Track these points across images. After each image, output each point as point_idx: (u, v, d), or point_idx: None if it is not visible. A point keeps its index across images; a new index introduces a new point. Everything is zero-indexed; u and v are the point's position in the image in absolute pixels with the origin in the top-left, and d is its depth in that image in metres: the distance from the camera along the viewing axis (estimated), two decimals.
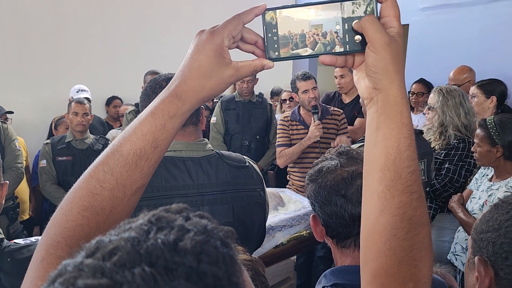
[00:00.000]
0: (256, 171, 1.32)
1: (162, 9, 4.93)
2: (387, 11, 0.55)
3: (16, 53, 4.18)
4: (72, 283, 0.29)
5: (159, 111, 0.57)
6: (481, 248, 0.76)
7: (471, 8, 3.62)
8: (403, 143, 0.55)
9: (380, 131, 0.55)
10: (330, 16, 0.57)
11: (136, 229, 0.33)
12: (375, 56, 0.53)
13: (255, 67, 0.59)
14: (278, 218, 2.37)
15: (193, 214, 0.37)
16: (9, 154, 2.79)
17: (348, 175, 0.91)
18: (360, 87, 0.58)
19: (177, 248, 0.31)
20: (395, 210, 0.54)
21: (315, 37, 0.57)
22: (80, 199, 0.56)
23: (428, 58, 4.02)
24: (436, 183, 2.36)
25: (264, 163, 3.58)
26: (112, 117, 4.56)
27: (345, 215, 0.90)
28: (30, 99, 4.27)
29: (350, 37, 0.56)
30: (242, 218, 1.23)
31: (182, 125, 1.20)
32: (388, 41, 0.53)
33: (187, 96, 0.57)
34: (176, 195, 1.13)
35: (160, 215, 0.35)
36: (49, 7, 4.30)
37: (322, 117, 2.86)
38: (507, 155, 1.97)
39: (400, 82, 0.55)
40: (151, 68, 3.59)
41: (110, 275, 0.29)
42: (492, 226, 0.75)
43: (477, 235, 0.77)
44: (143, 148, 0.56)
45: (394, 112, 0.55)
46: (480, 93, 2.62)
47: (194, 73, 0.56)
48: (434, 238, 2.45)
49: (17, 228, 2.86)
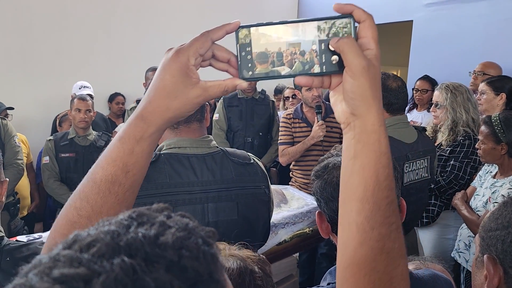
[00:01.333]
0: (261, 168, 1.31)
1: (164, 6, 4.92)
2: (365, 31, 0.53)
3: (19, 49, 4.17)
4: (47, 273, 0.28)
5: (126, 135, 0.55)
6: (489, 246, 0.74)
7: (475, 4, 3.59)
8: (382, 172, 0.53)
9: (357, 160, 0.54)
10: (307, 35, 0.54)
11: (116, 223, 0.32)
12: (353, 82, 0.52)
13: (225, 87, 0.56)
14: (281, 215, 2.37)
15: (174, 213, 0.36)
16: (9, 151, 2.80)
17: None
18: (337, 111, 0.56)
19: (157, 242, 0.30)
20: (375, 243, 0.53)
21: (293, 56, 0.55)
22: (60, 227, 0.56)
23: (432, 55, 3.99)
24: (441, 180, 2.35)
25: (266, 160, 3.57)
26: (115, 113, 4.55)
27: None
28: (33, 96, 4.27)
29: (327, 58, 0.54)
30: (246, 215, 1.22)
31: (187, 122, 1.20)
32: (367, 66, 0.51)
33: (152, 117, 0.55)
34: (181, 192, 1.12)
35: (141, 212, 0.34)
36: (52, 4, 4.29)
37: (326, 115, 2.83)
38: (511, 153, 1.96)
39: (378, 109, 0.53)
40: (153, 65, 3.58)
41: (87, 265, 0.28)
42: (501, 223, 0.74)
43: (485, 233, 0.76)
44: (114, 174, 0.55)
45: (372, 140, 0.53)
46: (490, 90, 2.59)
47: (159, 94, 0.55)
48: (438, 236, 2.45)
49: (18, 224, 2.88)
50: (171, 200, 1.10)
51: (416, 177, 1.97)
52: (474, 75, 3.12)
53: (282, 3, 5.70)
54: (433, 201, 2.41)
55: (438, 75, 3.63)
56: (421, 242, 2.55)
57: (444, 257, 2.42)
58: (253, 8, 5.50)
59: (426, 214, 2.43)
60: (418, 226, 2.48)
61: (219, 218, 1.16)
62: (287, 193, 2.76)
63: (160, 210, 0.36)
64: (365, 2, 4.37)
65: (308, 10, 5.61)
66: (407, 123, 2.02)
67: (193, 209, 1.12)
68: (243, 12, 5.43)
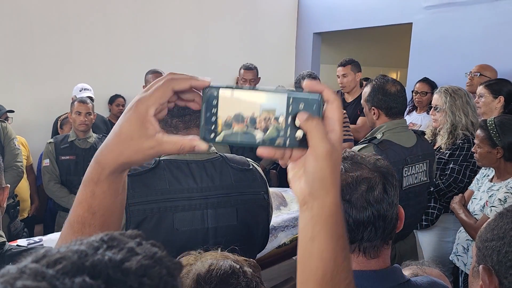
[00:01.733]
0: (260, 174, 1.31)
1: (164, 8, 4.93)
2: (332, 112, 0.53)
3: (18, 52, 4.18)
4: (12, 283, 0.29)
5: (86, 178, 0.57)
6: (485, 256, 0.75)
7: (475, 6, 3.60)
8: (340, 255, 0.54)
9: (315, 242, 0.54)
10: (276, 105, 0.53)
11: (86, 244, 0.34)
12: (316, 165, 0.52)
13: (181, 146, 0.55)
14: (280, 218, 2.37)
15: (146, 242, 0.37)
16: (9, 153, 2.81)
17: (353, 180, 0.90)
18: (295, 187, 0.55)
19: (122, 267, 0.32)
20: None
21: (261, 124, 0.54)
22: None
23: (431, 57, 4.00)
24: (440, 183, 2.35)
25: (266, 162, 3.58)
26: (115, 115, 4.55)
27: (349, 220, 0.89)
28: (33, 98, 4.28)
29: (292, 133, 0.53)
30: (246, 221, 1.22)
31: (186, 128, 1.20)
32: (330, 151, 0.51)
33: (106, 160, 0.56)
34: (180, 198, 1.13)
35: (114, 236, 0.36)
36: (51, 6, 4.29)
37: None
38: (508, 156, 1.97)
39: (336, 192, 0.54)
40: (153, 67, 3.59)
41: (50, 280, 0.29)
42: (497, 234, 0.74)
43: (481, 243, 0.77)
44: (82, 216, 0.57)
45: (330, 224, 0.54)
46: (488, 93, 2.60)
47: (114, 139, 0.56)
48: (438, 239, 2.46)
49: (18, 226, 2.89)
50: (170, 206, 1.11)
51: (415, 181, 1.98)
52: (470, 75, 3.14)
53: (282, 4, 5.71)
54: (433, 204, 2.42)
55: (438, 78, 3.64)
56: (420, 244, 2.56)
57: (443, 259, 2.43)
58: (252, 9, 5.51)
59: (426, 217, 2.44)
60: (418, 229, 2.49)
61: (219, 224, 1.17)
62: (286, 195, 2.76)
63: (132, 237, 0.37)
64: (365, 4, 4.39)
65: (308, 11, 5.62)
66: (406, 127, 2.02)
67: (192, 215, 1.13)
68: (243, 14, 5.44)
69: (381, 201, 0.89)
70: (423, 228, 2.47)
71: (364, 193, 0.89)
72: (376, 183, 0.90)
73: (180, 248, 1.12)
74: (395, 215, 0.93)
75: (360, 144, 1.95)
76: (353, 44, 6.76)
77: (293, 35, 5.83)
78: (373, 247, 0.92)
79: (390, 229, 0.93)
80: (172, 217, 1.11)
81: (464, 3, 3.67)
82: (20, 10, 4.14)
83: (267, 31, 5.63)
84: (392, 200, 0.91)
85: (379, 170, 0.92)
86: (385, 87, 1.95)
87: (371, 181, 0.90)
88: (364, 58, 6.69)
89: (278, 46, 5.75)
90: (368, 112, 2.04)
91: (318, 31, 5.52)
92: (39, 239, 1.89)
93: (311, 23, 5.57)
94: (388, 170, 0.94)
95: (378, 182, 0.90)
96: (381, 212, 0.89)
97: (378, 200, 0.89)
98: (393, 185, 0.92)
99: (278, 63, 5.74)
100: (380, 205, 0.89)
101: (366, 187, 0.89)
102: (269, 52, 5.65)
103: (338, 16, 5.09)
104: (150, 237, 1.09)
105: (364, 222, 0.89)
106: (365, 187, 0.90)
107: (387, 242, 0.94)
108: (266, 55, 5.60)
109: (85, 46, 4.51)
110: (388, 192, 0.91)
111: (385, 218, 0.90)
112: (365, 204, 0.89)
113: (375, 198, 0.89)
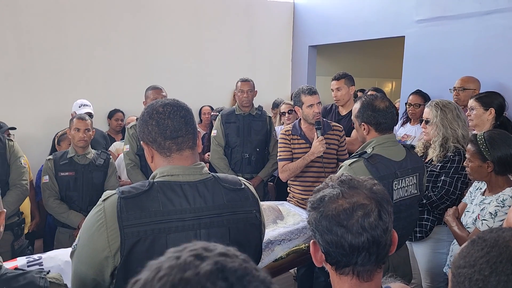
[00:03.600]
0: (252, 192, 1.34)
1: (162, 25, 5.00)
2: None
3: (18, 68, 4.24)
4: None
5: None
6: (459, 283, 0.77)
7: (465, 20, 3.67)
8: None
9: None
10: None
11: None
12: None
13: None
14: (277, 232, 2.39)
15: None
16: (15, 171, 2.82)
17: (350, 206, 0.93)
18: None
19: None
20: None
21: None
22: None
23: (424, 70, 4.06)
24: (432, 195, 2.39)
25: (264, 175, 3.62)
26: (114, 130, 4.61)
27: (345, 244, 0.92)
28: (33, 114, 4.33)
29: None
30: (238, 240, 1.24)
31: (179, 150, 1.24)
32: None
33: None
34: (174, 219, 1.16)
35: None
36: (51, 23, 4.37)
37: (324, 132, 2.87)
38: (498, 170, 2.00)
39: None
40: (151, 82, 3.64)
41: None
42: (468, 262, 0.77)
43: (455, 269, 0.79)
44: None
45: None
46: (479, 105, 2.66)
47: None
48: (431, 250, 2.49)
49: (22, 243, 2.90)
50: (164, 227, 1.14)
51: (406, 193, 2.02)
52: (455, 91, 3.22)
53: (278, 18, 5.79)
54: (426, 215, 2.46)
55: (430, 90, 3.71)
56: (415, 256, 2.59)
57: (437, 271, 2.47)
58: (249, 24, 5.59)
59: (420, 229, 2.47)
60: (412, 240, 2.53)
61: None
62: (283, 209, 2.79)
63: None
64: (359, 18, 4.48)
65: (303, 25, 5.71)
66: (395, 142, 2.07)
67: (185, 235, 1.16)
68: (239, 28, 5.52)
69: (376, 228, 0.92)
70: (417, 240, 2.51)
71: (360, 219, 0.92)
72: (371, 209, 0.93)
73: None
74: (389, 241, 0.96)
75: (351, 158, 1.99)
76: (348, 56, 6.84)
77: (289, 48, 5.91)
78: (367, 271, 0.95)
79: (384, 254, 0.96)
80: (165, 238, 1.14)
81: (454, 17, 3.75)
82: (21, 26, 4.22)
83: (264, 45, 5.71)
84: (386, 227, 0.94)
85: (375, 197, 0.95)
86: (374, 103, 2.00)
87: (367, 207, 0.93)
88: (359, 70, 6.78)
89: (275, 59, 5.83)
90: (358, 127, 2.09)
91: (313, 44, 5.60)
92: (39, 257, 1.89)
93: (306, 36, 5.65)
94: (383, 196, 0.97)
95: (374, 208, 0.93)
96: (375, 238, 0.92)
97: (373, 227, 0.92)
98: (388, 212, 0.95)
99: (274, 76, 5.82)
100: (375, 231, 0.92)
101: (362, 213, 0.92)
102: (265, 65, 5.73)
103: (333, 30, 5.17)
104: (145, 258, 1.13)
105: (359, 247, 0.92)
106: (361, 213, 0.92)
107: (380, 266, 0.97)
108: (263, 68, 5.67)
109: (84, 62, 4.58)
110: (383, 219, 0.94)
111: (379, 244, 0.93)
112: (361, 230, 0.91)
113: (370, 225, 0.92)
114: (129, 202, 1.14)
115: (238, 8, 5.46)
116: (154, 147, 1.27)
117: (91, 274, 1.16)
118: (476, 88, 3.20)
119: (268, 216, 2.55)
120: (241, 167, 3.59)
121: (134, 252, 1.12)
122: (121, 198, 1.14)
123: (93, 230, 1.14)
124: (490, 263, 0.74)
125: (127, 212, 1.12)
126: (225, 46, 5.43)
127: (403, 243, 2.13)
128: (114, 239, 1.12)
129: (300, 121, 2.98)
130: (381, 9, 4.51)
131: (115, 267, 1.13)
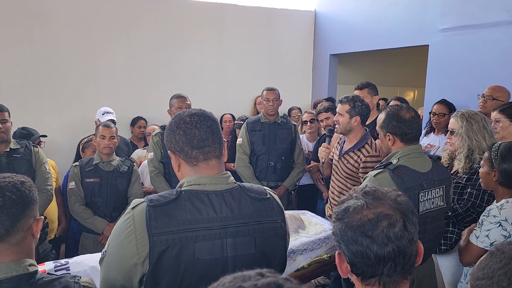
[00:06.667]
0: (277, 202, 1.35)
1: (185, 34, 5.09)
2: None
3: (47, 77, 4.39)
4: None
5: None
6: None
7: (492, 29, 3.60)
8: None
9: None
10: None
11: None
12: None
13: None
14: (299, 242, 2.38)
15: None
16: (40, 177, 2.91)
17: (375, 217, 0.94)
18: None
19: None
20: None
21: None
22: None
23: (448, 79, 4.00)
24: (458, 208, 2.34)
25: (289, 184, 3.62)
26: (137, 137, 4.69)
27: (370, 255, 0.92)
28: (60, 121, 4.46)
29: None
30: (263, 249, 1.25)
31: (206, 159, 1.26)
32: None
33: None
34: (201, 228, 1.17)
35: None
36: (78, 33, 4.51)
37: (354, 147, 2.81)
38: (501, 181, 1.98)
39: None
40: (174, 90, 3.69)
41: None
42: (487, 273, 0.77)
43: (474, 281, 0.79)
44: None
45: None
46: (504, 117, 2.60)
47: None
48: (456, 263, 2.43)
49: (46, 247, 2.97)
50: (191, 236, 1.16)
51: (432, 206, 1.98)
52: (483, 98, 3.13)
53: (299, 27, 5.81)
54: (451, 228, 2.41)
55: (455, 99, 3.64)
56: (440, 269, 2.54)
57: None
58: (270, 32, 5.62)
59: (445, 241, 2.42)
60: (437, 253, 2.48)
61: (237, 252, 1.21)
62: (304, 218, 2.78)
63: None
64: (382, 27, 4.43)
65: (324, 33, 5.71)
66: (421, 153, 2.04)
67: (212, 244, 1.17)
68: (261, 37, 5.56)
69: (401, 238, 0.92)
70: (442, 253, 2.45)
71: (385, 229, 0.92)
72: (396, 220, 0.93)
73: (201, 275, 1.18)
74: (415, 252, 0.96)
75: (376, 170, 1.97)
76: (369, 65, 6.80)
77: (310, 56, 5.92)
78: (393, 281, 0.95)
79: (410, 265, 0.95)
80: (193, 246, 1.16)
81: (481, 25, 3.69)
82: (48, 36, 4.36)
83: (285, 53, 5.74)
84: (412, 237, 0.94)
85: (400, 208, 0.95)
86: (400, 113, 1.99)
87: (392, 217, 0.93)
88: (381, 79, 6.73)
89: (296, 67, 5.84)
90: (383, 138, 2.08)
91: (334, 53, 5.59)
92: (65, 261, 1.93)
93: (327, 45, 5.65)
94: (408, 207, 0.97)
95: (399, 219, 0.93)
96: (401, 249, 0.92)
97: (398, 237, 0.92)
98: (413, 222, 0.95)
99: (295, 84, 5.83)
100: (400, 242, 0.92)
101: (387, 223, 0.93)
102: (286, 73, 5.75)
103: (355, 38, 5.15)
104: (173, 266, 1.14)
105: (384, 257, 0.92)
106: (386, 224, 0.93)
107: (406, 277, 0.97)
108: (283, 76, 5.69)
109: (108, 70, 4.70)
110: (408, 229, 0.94)
111: (405, 255, 0.93)
112: (386, 240, 0.92)
113: (396, 235, 0.92)
114: (158, 210, 1.16)
115: (259, 17, 5.51)
116: (181, 156, 1.29)
117: (120, 280, 1.18)
118: (505, 100, 3.12)
119: (290, 225, 2.54)
120: (266, 175, 3.60)
121: (162, 260, 1.13)
122: (149, 207, 1.17)
123: (122, 238, 1.17)
124: (508, 274, 0.74)
125: (156, 220, 1.14)
126: (246, 54, 5.48)
127: (429, 255, 2.09)
128: (143, 247, 1.14)
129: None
130: (405, 17, 4.47)
131: (143, 274, 1.15)
